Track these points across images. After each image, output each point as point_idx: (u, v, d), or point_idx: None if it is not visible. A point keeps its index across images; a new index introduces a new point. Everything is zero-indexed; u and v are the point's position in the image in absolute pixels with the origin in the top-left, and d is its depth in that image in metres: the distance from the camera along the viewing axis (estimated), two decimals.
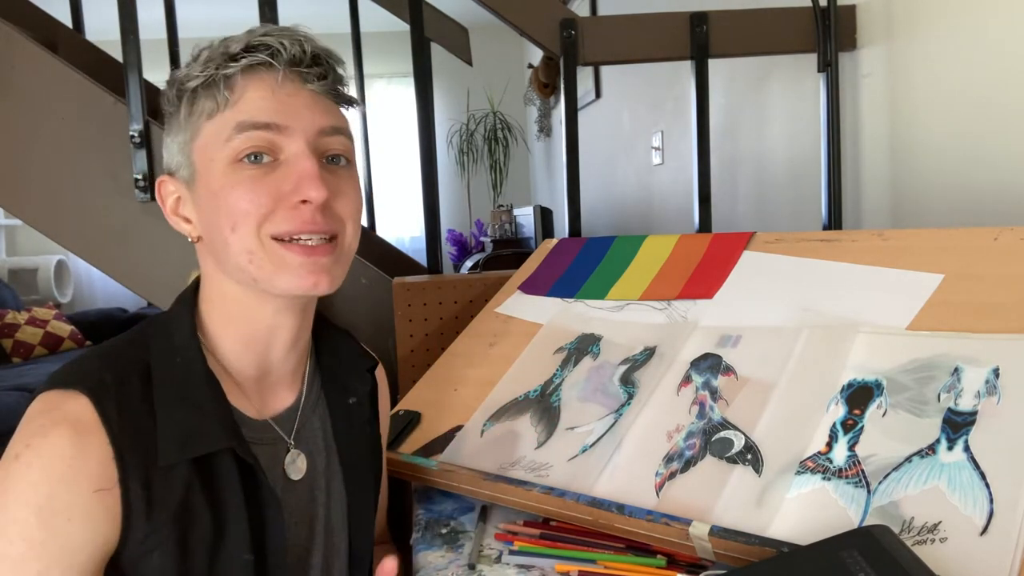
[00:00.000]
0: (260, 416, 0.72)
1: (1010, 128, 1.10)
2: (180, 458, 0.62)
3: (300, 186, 0.65)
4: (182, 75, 0.67)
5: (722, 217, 1.96)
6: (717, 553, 0.67)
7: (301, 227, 0.65)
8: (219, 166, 0.65)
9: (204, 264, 0.71)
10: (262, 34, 0.66)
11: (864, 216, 1.45)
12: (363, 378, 0.82)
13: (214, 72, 0.65)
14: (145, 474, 0.61)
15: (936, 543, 0.58)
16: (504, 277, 1.23)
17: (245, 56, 0.65)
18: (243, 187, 0.64)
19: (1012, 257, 0.77)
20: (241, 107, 0.65)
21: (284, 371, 0.75)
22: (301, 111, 0.66)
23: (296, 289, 0.66)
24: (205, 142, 0.66)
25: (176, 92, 0.68)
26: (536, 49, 3.30)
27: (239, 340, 0.70)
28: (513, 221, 4.27)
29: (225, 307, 0.70)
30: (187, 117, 0.67)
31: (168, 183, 0.70)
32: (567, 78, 1.39)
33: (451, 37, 2.39)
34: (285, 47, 0.66)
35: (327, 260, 0.67)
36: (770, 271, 0.94)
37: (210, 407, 0.65)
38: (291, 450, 0.73)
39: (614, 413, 0.84)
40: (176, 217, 0.71)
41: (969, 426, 0.64)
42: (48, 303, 4.53)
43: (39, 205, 1.36)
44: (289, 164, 0.65)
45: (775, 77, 1.80)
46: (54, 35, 1.96)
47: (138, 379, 0.64)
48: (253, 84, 0.65)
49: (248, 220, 0.64)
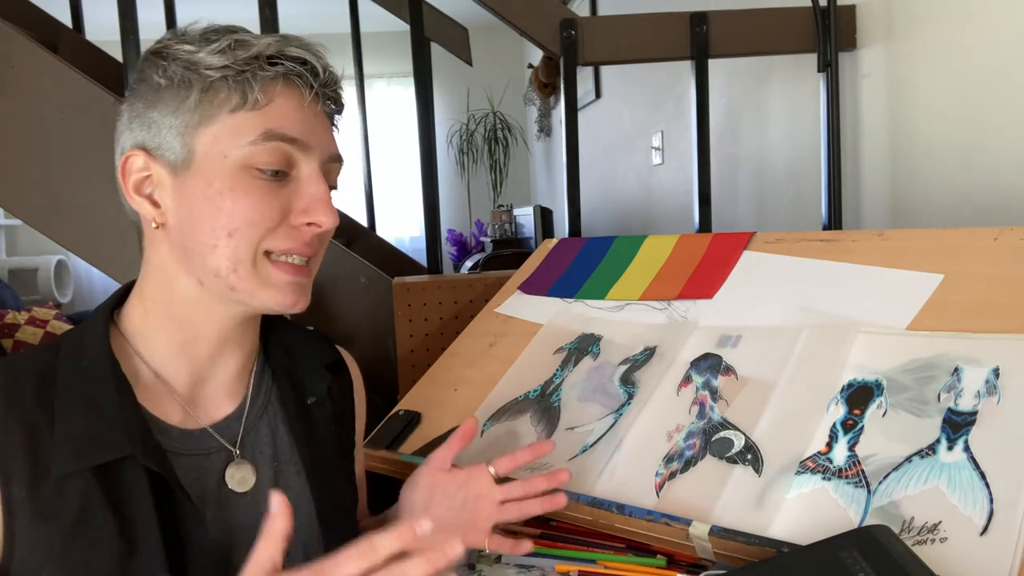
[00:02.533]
0: (196, 425, 0.68)
1: (1010, 128, 1.10)
2: (75, 467, 0.58)
3: (312, 209, 0.65)
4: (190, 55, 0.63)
5: (722, 217, 1.96)
6: (717, 553, 0.67)
7: (298, 248, 0.65)
8: (230, 165, 0.63)
9: (156, 253, 0.66)
10: (299, 46, 0.65)
11: (864, 216, 1.45)
12: (321, 375, 0.77)
13: (248, 69, 0.63)
14: (31, 480, 0.57)
15: (936, 543, 0.58)
16: (504, 277, 1.23)
17: (283, 63, 0.64)
18: (254, 197, 0.63)
19: (1012, 257, 0.77)
20: (270, 113, 0.63)
21: (224, 376, 0.71)
22: (321, 133, 0.66)
23: (278, 306, 0.66)
24: (219, 134, 0.63)
25: (184, 71, 0.63)
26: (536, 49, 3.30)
27: (174, 342, 0.67)
28: (513, 221, 4.27)
29: (168, 305, 0.66)
30: (199, 103, 0.63)
31: (138, 158, 0.65)
32: (567, 78, 1.39)
33: (451, 37, 2.39)
34: (321, 66, 0.66)
35: (306, 281, 0.67)
36: (770, 271, 0.94)
37: (113, 412, 0.61)
38: (234, 460, 0.69)
39: (614, 413, 0.84)
40: (140, 197, 0.65)
41: (969, 426, 0.64)
42: (48, 303, 4.51)
43: (39, 205, 1.36)
44: (302, 183, 0.65)
45: (775, 77, 1.80)
46: (54, 35, 1.96)
47: (36, 382, 0.61)
48: (285, 93, 0.64)
49: (251, 230, 0.63)
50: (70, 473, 0.59)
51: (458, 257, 4.52)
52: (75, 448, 0.59)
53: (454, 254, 4.55)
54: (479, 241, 4.46)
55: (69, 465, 0.58)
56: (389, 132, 5.13)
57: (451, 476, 0.76)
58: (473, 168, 5.29)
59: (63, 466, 0.58)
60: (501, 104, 5.27)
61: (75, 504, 0.58)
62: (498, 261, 3.61)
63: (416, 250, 4.08)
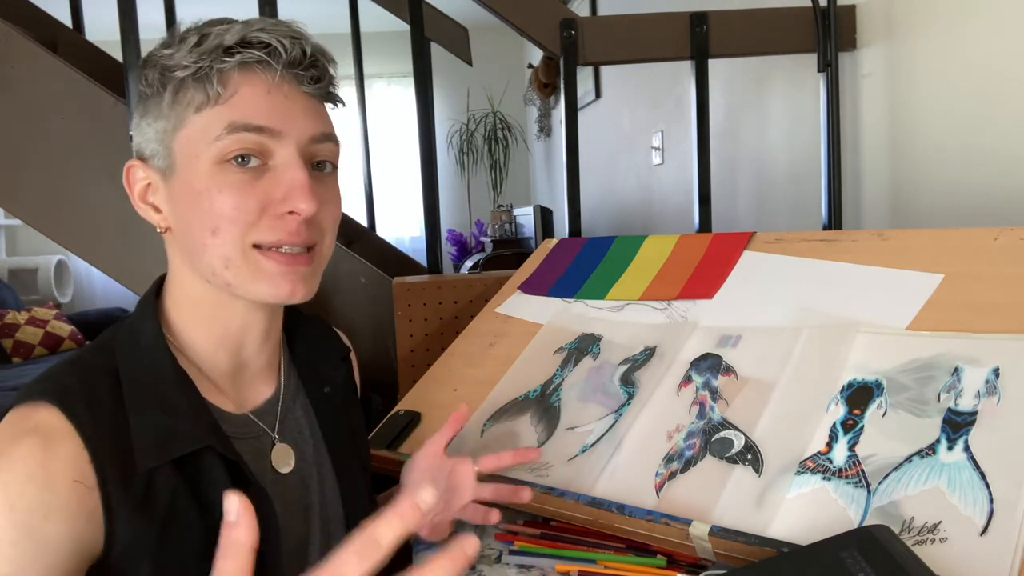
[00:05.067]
0: (239, 410, 0.71)
1: (1010, 128, 1.10)
2: (158, 461, 0.60)
3: (290, 196, 0.63)
4: (166, 59, 0.63)
5: (722, 217, 1.96)
6: (717, 553, 0.67)
7: (286, 238, 0.64)
8: (204, 164, 0.63)
9: (172, 257, 0.69)
10: (259, 29, 0.63)
11: (864, 216, 1.45)
12: (337, 367, 0.81)
13: (207, 64, 0.62)
14: (125, 479, 0.59)
15: (936, 543, 0.58)
16: (504, 277, 1.23)
17: (241, 51, 0.62)
18: (229, 192, 0.62)
19: (1012, 257, 0.77)
20: (234, 104, 0.62)
21: (259, 365, 0.73)
22: (295, 116, 0.64)
23: (272, 297, 0.66)
24: (191, 135, 0.63)
25: (159, 76, 0.64)
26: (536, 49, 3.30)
27: (211, 338, 0.69)
28: (513, 221, 4.28)
29: (194, 307, 0.68)
30: (171, 105, 0.63)
31: (139, 168, 0.67)
32: (567, 78, 1.39)
33: (451, 37, 2.39)
34: (285, 47, 0.63)
35: (306, 270, 0.66)
36: (770, 271, 0.94)
37: (184, 406, 0.63)
38: (276, 444, 0.72)
39: (614, 413, 0.84)
40: (144, 205, 0.67)
41: (969, 426, 0.64)
42: (48, 303, 4.52)
43: (39, 205, 1.36)
44: (279, 171, 0.64)
45: (775, 77, 1.80)
46: (54, 35, 1.96)
47: (107, 383, 0.62)
48: (248, 81, 0.63)
49: (232, 227, 0.63)
50: (155, 468, 0.60)
51: (458, 257, 4.52)
52: (155, 442, 0.61)
53: (454, 254, 4.55)
54: (479, 241, 4.46)
55: (152, 459, 0.60)
56: (389, 132, 5.13)
57: (443, 461, 0.80)
58: (473, 168, 5.29)
59: (147, 461, 0.60)
60: (501, 104, 5.27)
61: (165, 497, 0.60)
62: (498, 261, 3.61)
63: (416, 250, 4.08)
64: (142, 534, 0.59)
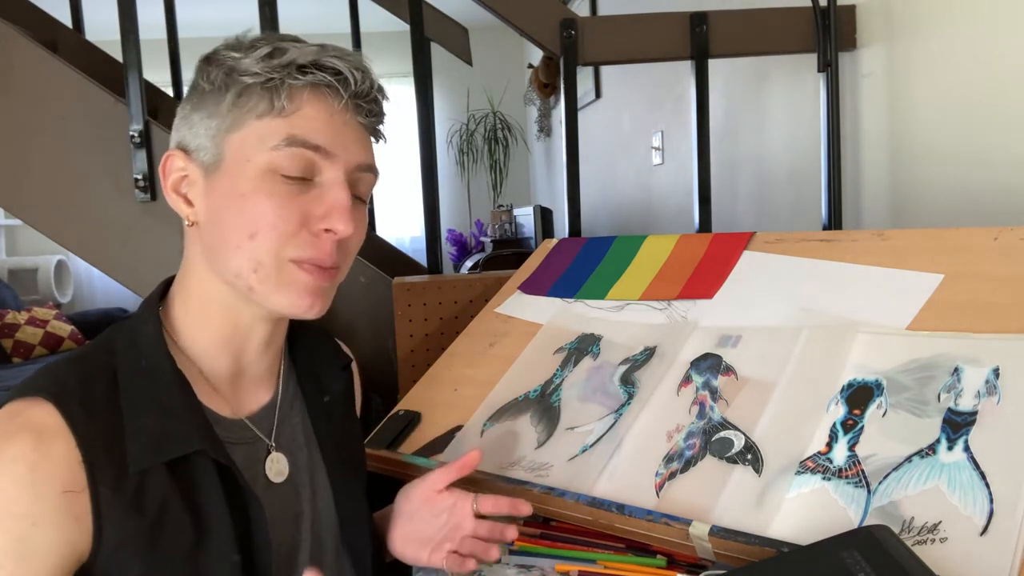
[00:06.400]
0: (235, 415, 0.71)
1: (1010, 128, 1.10)
2: (152, 463, 0.61)
3: (331, 215, 0.65)
4: (235, 61, 0.65)
5: (722, 217, 1.96)
6: (717, 553, 0.67)
7: (318, 256, 0.66)
8: (254, 169, 0.64)
9: (193, 251, 0.69)
10: (333, 55, 0.66)
11: (864, 216, 1.45)
12: (337, 376, 0.81)
13: (279, 77, 0.64)
14: (117, 479, 0.59)
15: (936, 543, 0.58)
16: (504, 277, 1.23)
17: (314, 72, 0.65)
18: (275, 200, 0.64)
19: (1012, 257, 0.77)
20: (296, 121, 0.64)
21: (258, 370, 0.74)
22: (349, 142, 0.67)
23: (290, 308, 0.66)
24: (246, 138, 0.65)
25: (225, 76, 0.65)
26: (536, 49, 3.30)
27: (215, 339, 0.69)
28: (513, 221, 4.28)
29: (204, 305, 0.69)
30: (232, 107, 0.65)
31: (178, 159, 0.68)
32: (567, 78, 1.39)
33: (451, 37, 2.39)
34: (356, 77, 0.66)
35: (327, 285, 0.68)
36: (770, 271, 0.94)
37: (180, 409, 0.64)
38: (271, 453, 0.72)
39: (614, 413, 0.84)
40: (176, 195, 0.68)
41: (969, 426, 0.64)
42: (48, 303, 4.52)
43: (39, 205, 1.36)
44: (324, 189, 0.66)
45: (775, 77, 1.80)
46: (54, 35, 1.96)
47: (104, 383, 0.63)
48: (314, 102, 0.65)
49: (271, 233, 0.64)
50: (148, 469, 0.61)
51: (458, 257, 4.52)
52: (149, 444, 0.61)
53: (454, 254, 4.55)
54: (479, 241, 4.46)
55: (145, 461, 0.61)
56: (389, 132, 5.11)
57: (441, 497, 0.79)
58: (473, 168, 5.29)
59: (139, 463, 0.61)
60: (501, 104, 5.27)
61: (156, 499, 0.61)
62: (498, 261, 3.61)
63: (416, 250, 4.08)
64: (132, 534, 0.60)
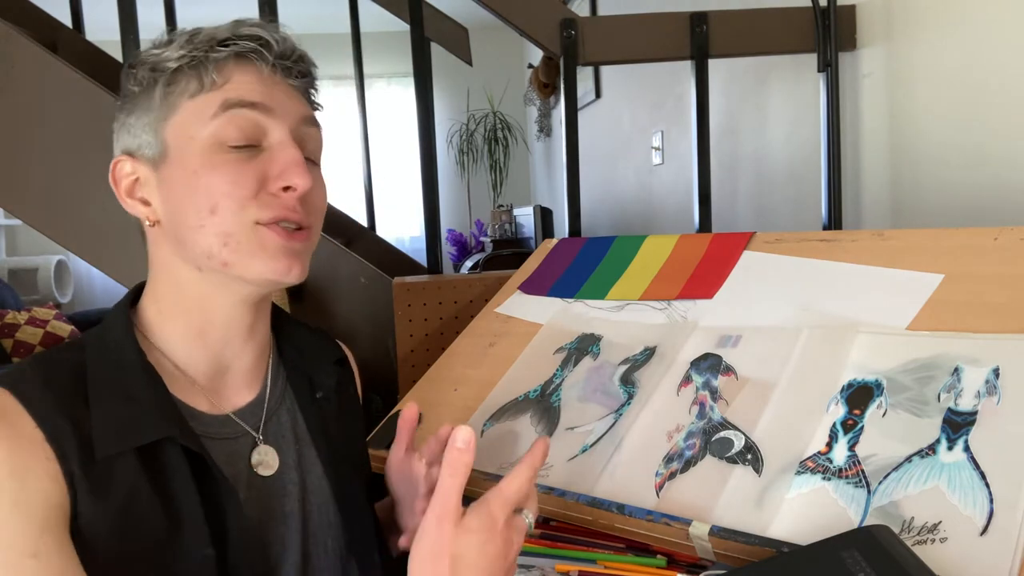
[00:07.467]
0: (217, 411, 0.70)
1: (1010, 128, 1.10)
2: (118, 449, 0.60)
3: (286, 172, 0.65)
4: (156, 57, 0.66)
5: (722, 217, 1.96)
6: (717, 553, 0.67)
7: (284, 214, 0.66)
8: (199, 145, 0.64)
9: (158, 251, 0.69)
10: (251, 25, 0.67)
11: (864, 216, 1.45)
12: (328, 371, 0.80)
13: (202, 54, 0.65)
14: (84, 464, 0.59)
15: (936, 543, 0.58)
16: (504, 277, 1.23)
17: (236, 43, 0.66)
18: (226, 168, 0.64)
19: (1012, 257, 0.77)
20: (228, 88, 0.65)
21: (243, 366, 0.73)
22: (285, 100, 0.68)
23: (271, 273, 0.66)
24: (184, 120, 0.65)
25: (150, 71, 0.66)
26: (536, 49, 3.30)
27: (190, 333, 0.69)
28: (513, 221, 4.28)
29: (178, 299, 0.69)
30: (163, 96, 0.66)
31: (125, 164, 0.68)
32: (567, 78, 1.39)
33: (451, 37, 2.39)
34: (276, 39, 0.67)
35: (301, 247, 0.68)
36: (770, 271, 0.94)
37: (147, 398, 0.64)
38: (258, 445, 0.71)
39: (614, 413, 0.84)
40: (132, 200, 0.68)
41: (969, 426, 0.64)
42: (48, 303, 4.52)
43: (39, 205, 1.36)
44: (273, 150, 0.66)
45: (775, 77, 1.80)
46: (54, 35, 1.96)
47: (69, 376, 0.63)
48: (241, 69, 0.66)
49: (230, 202, 0.64)
50: (116, 456, 0.61)
51: (458, 257, 4.52)
52: (116, 431, 0.61)
53: (454, 254, 4.55)
54: (479, 241, 4.46)
55: (112, 447, 0.60)
56: (389, 132, 5.13)
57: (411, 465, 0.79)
58: (473, 168, 5.29)
59: (105, 449, 0.60)
60: (501, 104, 5.27)
61: (124, 485, 0.61)
62: (498, 261, 3.61)
63: (416, 250, 4.08)
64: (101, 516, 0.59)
